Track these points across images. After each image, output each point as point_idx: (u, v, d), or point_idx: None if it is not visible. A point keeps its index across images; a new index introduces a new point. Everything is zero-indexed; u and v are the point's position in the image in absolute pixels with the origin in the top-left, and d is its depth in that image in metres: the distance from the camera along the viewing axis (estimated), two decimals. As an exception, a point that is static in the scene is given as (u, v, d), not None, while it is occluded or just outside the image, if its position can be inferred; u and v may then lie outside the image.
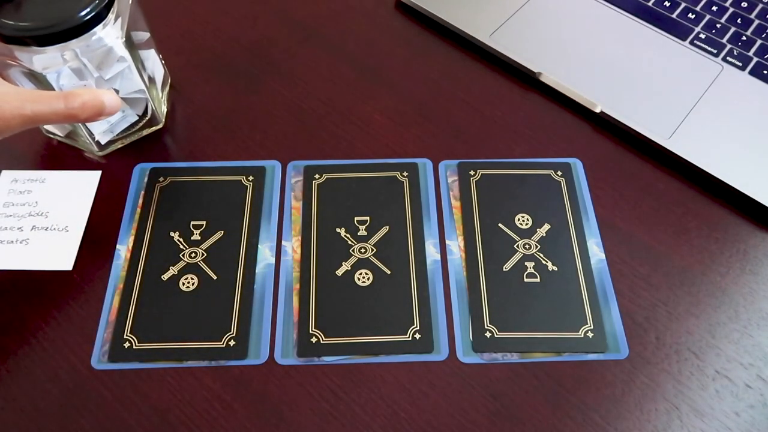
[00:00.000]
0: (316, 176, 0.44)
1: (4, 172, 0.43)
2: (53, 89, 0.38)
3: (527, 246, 0.41)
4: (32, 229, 0.41)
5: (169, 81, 0.48)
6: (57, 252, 0.40)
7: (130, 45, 0.40)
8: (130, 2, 0.40)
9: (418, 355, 0.37)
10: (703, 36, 0.51)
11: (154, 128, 0.45)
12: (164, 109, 0.46)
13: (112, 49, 0.38)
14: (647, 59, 0.49)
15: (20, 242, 0.40)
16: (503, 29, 0.50)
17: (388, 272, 0.39)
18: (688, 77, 0.48)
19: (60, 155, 0.44)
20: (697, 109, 0.46)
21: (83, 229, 0.41)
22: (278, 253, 0.40)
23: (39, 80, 0.37)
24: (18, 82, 0.40)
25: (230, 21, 0.53)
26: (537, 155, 0.45)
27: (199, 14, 0.53)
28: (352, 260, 0.40)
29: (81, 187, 0.43)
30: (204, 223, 0.41)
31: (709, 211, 0.43)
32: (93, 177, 0.43)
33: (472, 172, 0.44)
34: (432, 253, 0.40)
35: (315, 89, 0.48)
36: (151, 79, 0.44)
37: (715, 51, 0.50)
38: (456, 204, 0.43)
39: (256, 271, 0.39)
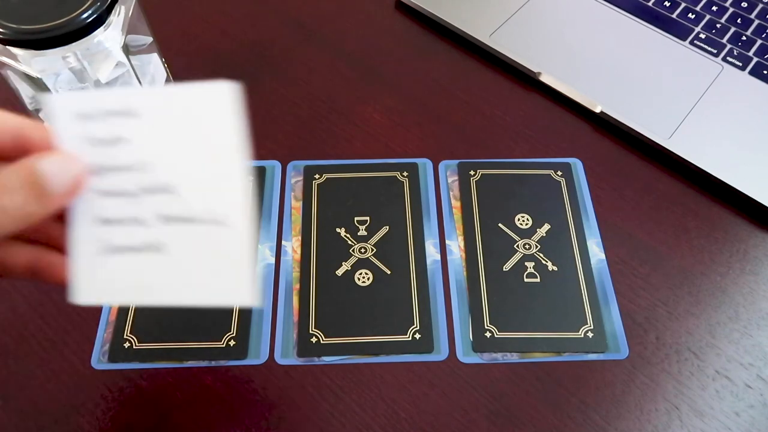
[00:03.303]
0: (316, 176, 0.44)
1: (50, 98, 0.23)
2: (51, 93, 0.38)
3: (527, 246, 0.41)
4: (162, 221, 0.22)
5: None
6: (223, 271, 0.22)
7: (129, 49, 0.40)
8: (132, 6, 0.40)
9: (418, 355, 0.37)
10: (703, 36, 0.50)
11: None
12: None
13: (111, 53, 0.38)
14: (647, 59, 0.49)
15: (148, 250, 0.22)
16: (503, 29, 0.50)
17: (388, 272, 0.40)
18: (688, 77, 0.48)
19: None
20: (697, 109, 0.46)
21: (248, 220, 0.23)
22: (278, 253, 0.40)
23: (37, 84, 0.37)
24: (16, 85, 0.40)
25: (230, 21, 0.53)
26: (537, 155, 0.45)
27: (199, 14, 0.53)
28: (352, 260, 0.40)
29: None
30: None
31: (709, 211, 0.43)
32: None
33: (472, 172, 0.44)
34: (432, 253, 0.40)
35: (315, 89, 0.48)
36: (152, 85, 0.44)
37: (715, 51, 0.50)
38: (456, 204, 0.43)
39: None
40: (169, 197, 0.22)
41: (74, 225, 0.22)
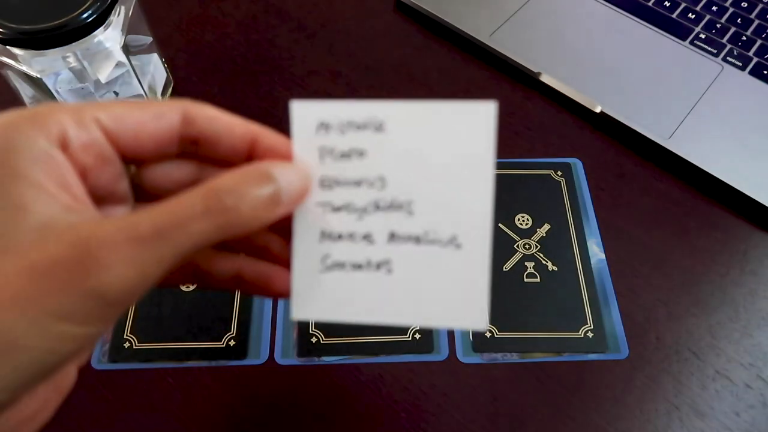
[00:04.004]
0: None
1: (295, 103, 0.21)
2: (51, 92, 0.38)
3: (527, 246, 0.41)
4: (390, 239, 0.21)
5: (172, 85, 0.48)
6: (454, 293, 0.21)
7: (129, 49, 0.40)
8: (132, 6, 0.40)
9: (418, 355, 0.37)
10: (703, 36, 0.50)
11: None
12: None
13: (111, 53, 0.38)
14: (647, 59, 0.49)
15: (374, 268, 0.21)
16: (503, 29, 0.50)
17: (388, 272, 0.39)
18: (688, 77, 0.48)
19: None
20: (697, 109, 0.46)
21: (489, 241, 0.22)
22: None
23: (37, 83, 0.37)
24: (16, 84, 0.40)
25: (230, 21, 0.53)
26: (537, 155, 0.45)
27: (199, 14, 0.53)
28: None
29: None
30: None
31: (709, 211, 0.43)
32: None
33: (472, 172, 0.44)
34: (432, 253, 0.40)
35: (315, 90, 0.48)
36: (152, 85, 0.44)
37: (715, 51, 0.50)
38: (456, 204, 0.43)
39: (256, 271, 0.39)
40: (403, 215, 0.21)
41: (297, 238, 0.21)
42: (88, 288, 0.16)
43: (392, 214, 0.21)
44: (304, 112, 0.21)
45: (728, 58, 0.49)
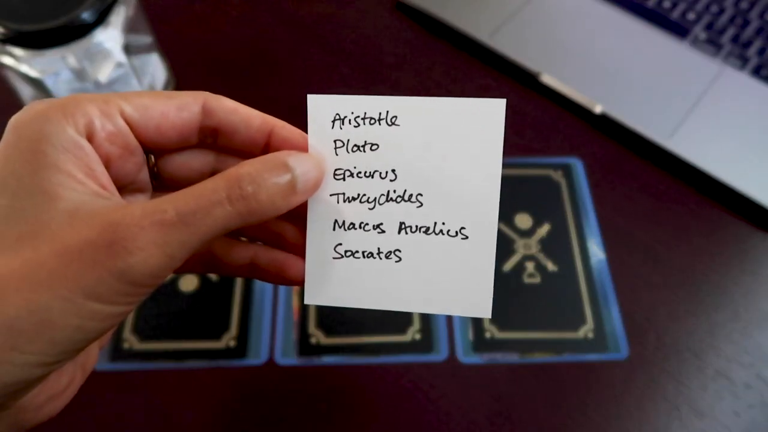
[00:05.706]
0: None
1: (311, 97, 0.23)
2: (51, 93, 0.38)
3: (527, 246, 0.41)
4: (400, 229, 0.22)
5: (172, 85, 0.48)
6: (461, 282, 0.22)
7: (129, 49, 0.40)
8: (132, 6, 0.40)
9: (418, 355, 0.37)
10: (702, 36, 0.50)
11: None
12: None
13: (111, 53, 0.38)
14: (647, 59, 0.49)
15: (384, 256, 0.22)
16: (503, 29, 0.50)
17: (389, 272, 0.40)
18: (688, 77, 0.48)
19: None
20: (697, 109, 0.46)
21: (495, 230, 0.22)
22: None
23: (36, 84, 0.37)
24: (16, 85, 0.40)
25: (230, 21, 0.53)
26: (537, 155, 0.45)
27: (199, 14, 0.53)
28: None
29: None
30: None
31: (709, 211, 0.43)
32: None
33: (472, 172, 0.44)
34: (432, 253, 0.40)
35: (315, 89, 0.48)
36: (152, 84, 0.44)
37: (715, 51, 0.50)
38: (456, 204, 0.43)
39: (256, 271, 0.39)
40: (413, 206, 0.22)
41: (311, 227, 0.22)
42: (116, 269, 0.17)
43: (403, 205, 0.22)
44: (320, 105, 0.22)
45: (728, 58, 0.49)
